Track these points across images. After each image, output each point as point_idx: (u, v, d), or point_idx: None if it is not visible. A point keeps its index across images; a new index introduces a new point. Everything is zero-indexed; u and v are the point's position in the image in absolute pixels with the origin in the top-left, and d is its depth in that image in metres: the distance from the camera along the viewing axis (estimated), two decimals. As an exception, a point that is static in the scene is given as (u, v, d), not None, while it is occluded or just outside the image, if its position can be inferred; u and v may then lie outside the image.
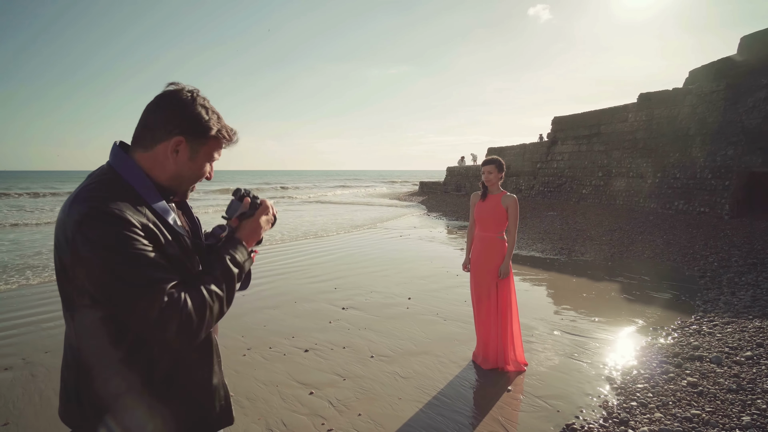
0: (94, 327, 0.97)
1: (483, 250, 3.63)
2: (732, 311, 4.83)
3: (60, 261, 0.97)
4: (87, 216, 0.91)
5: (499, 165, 3.59)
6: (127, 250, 0.92)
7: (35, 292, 6.09)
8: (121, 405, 1.00)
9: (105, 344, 0.98)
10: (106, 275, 0.91)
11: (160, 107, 1.05)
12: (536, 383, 3.33)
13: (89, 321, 0.97)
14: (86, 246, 0.90)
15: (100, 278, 0.91)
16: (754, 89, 11.39)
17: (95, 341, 0.98)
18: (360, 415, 2.90)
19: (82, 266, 0.92)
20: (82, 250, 0.90)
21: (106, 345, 0.98)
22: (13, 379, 3.50)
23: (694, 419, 2.66)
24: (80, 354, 1.00)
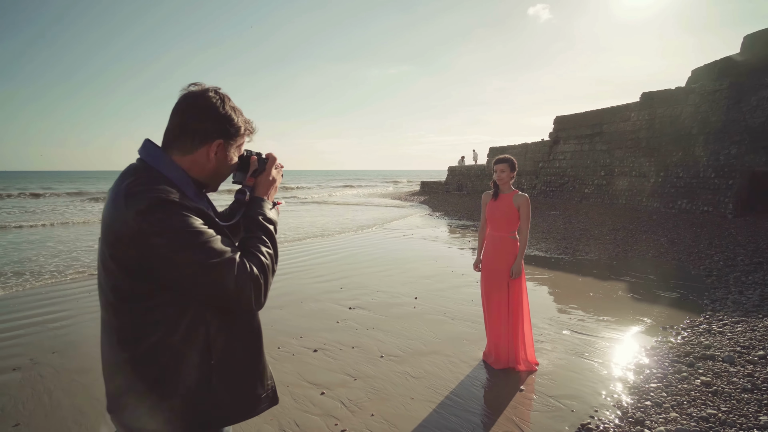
0: (155, 316, 1.03)
1: (495, 249, 3.61)
2: (741, 310, 4.82)
3: (117, 257, 1.00)
4: (149, 206, 0.97)
5: (512, 164, 3.56)
6: (193, 230, 1.00)
7: (39, 294, 6.07)
8: (185, 388, 1.05)
9: (165, 331, 1.03)
10: (179, 256, 0.98)
11: (195, 113, 1.11)
12: (548, 383, 3.31)
13: (149, 310, 1.02)
14: (155, 233, 0.96)
15: (173, 260, 0.98)
16: (757, 88, 11.38)
17: (156, 330, 1.03)
18: (373, 415, 2.88)
19: (153, 253, 0.97)
20: (152, 238, 0.96)
21: (165, 332, 1.03)
22: (22, 380, 3.48)
23: (710, 419, 2.64)
24: (139, 345, 1.04)
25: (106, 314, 1.09)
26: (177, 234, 0.98)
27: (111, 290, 1.04)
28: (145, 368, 1.04)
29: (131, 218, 0.97)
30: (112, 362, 1.09)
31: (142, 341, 1.04)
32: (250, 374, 1.18)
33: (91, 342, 4.24)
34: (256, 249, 1.12)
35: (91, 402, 3.11)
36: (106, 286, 1.05)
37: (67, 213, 18.70)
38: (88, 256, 8.69)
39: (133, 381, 1.05)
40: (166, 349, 1.04)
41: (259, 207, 1.21)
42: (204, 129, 1.11)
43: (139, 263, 0.99)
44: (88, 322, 4.81)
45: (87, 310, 5.25)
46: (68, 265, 7.89)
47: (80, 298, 5.77)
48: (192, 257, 0.99)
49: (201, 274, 1.00)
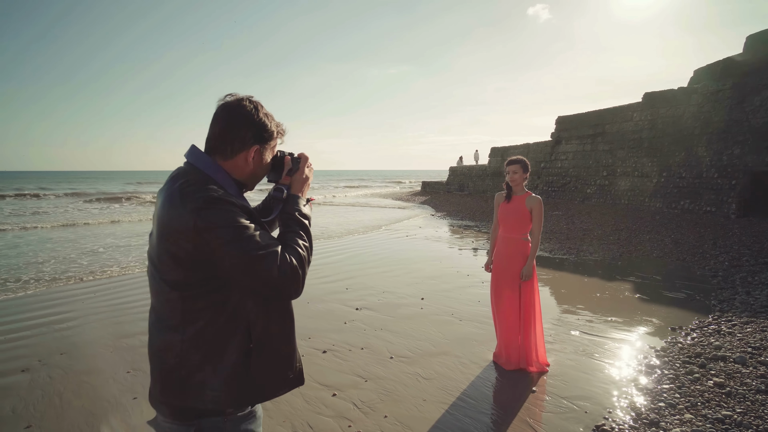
0: (204, 302, 1.14)
1: (506, 251, 3.59)
2: (749, 311, 4.81)
3: (173, 251, 1.11)
4: (203, 203, 1.09)
5: (525, 165, 3.54)
6: (241, 225, 1.11)
7: (44, 295, 6.06)
8: (227, 368, 1.17)
9: (212, 316, 1.15)
10: (230, 248, 1.09)
11: (233, 123, 1.22)
12: (560, 384, 3.30)
13: (199, 298, 1.13)
14: (208, 228, 1.08)
15: (225, 252, 1.09)
16: (760, 88, 11.37)
17: (203, 315, 1.14)
18: (386, 417, 2.86)
19: (207, 246, 1.08)
20: (206, 232, 1.08)
21: (212, 317, 1.15)
22: (31, 381, 3.47)
23: (726, 420, 2.63)
24: (188, 328, 1.15)
25: (157, 302, 1.20)
26: (228, 228, 1.09)
27: (165, 281, 1.14)
28: (193, 350, 1.15)
29: (187, 215, 1.08)
30: (161, 346, 1.19)
31: (191, 325, 1.14)
32: (283, 356, 1.29)
33: (98, 343, 4.23)
34: (294, 242, 1.23)
35: (101, 404, 3.10)
36: (159, 277, 1.16)
37: (66, 214, 18.68)
38: (86, 258, 8.69)
39: (182, 361, 1.15)
40: (212, 333, 1.15)
41: (295, 204, 1.32)
42: (242, 137, 1.22)
43: (195, 256, 1.10)
44: (95, 323, 4.80)
45: (93, 311, 5.24)
46: (67, 267, 7.88)
47: (86, 299, 5.76)
48: (241, 249, 1.09)
49: (249, 265, 1.10)
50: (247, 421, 1.28)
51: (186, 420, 1.21)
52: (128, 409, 3.01)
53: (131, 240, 11.01)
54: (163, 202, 1.15)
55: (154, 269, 1.18)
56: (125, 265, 7.84)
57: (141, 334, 4.44)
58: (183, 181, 1.15)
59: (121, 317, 4.98)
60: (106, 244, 10.30)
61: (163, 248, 1.13)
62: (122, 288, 6.32)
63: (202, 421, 1.21)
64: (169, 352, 1.17)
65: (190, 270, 1.12)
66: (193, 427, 1.21)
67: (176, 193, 1.12)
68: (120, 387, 3.34)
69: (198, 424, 1.21)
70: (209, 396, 1.17)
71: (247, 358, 1.20)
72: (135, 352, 4.01)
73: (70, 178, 76.96)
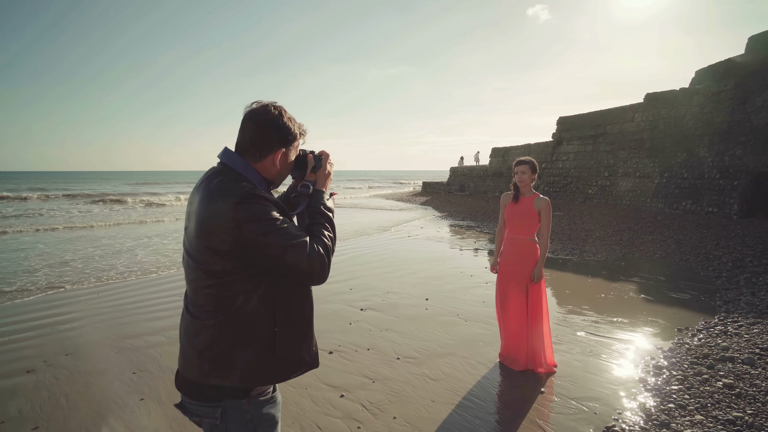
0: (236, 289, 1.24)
1: (513, 252, 3.58)
2: (755, 312, 4.80)
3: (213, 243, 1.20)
4: (242, 198, 1.20)
5: (533, 166, 3.52)
6: (275, 218, 1.24)
7: (47, 296, 6.04)
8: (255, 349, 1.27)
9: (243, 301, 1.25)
10: (267, 239, 1.20)
11: (260, 129, 1.33)
12: (568, 385, 3.29)
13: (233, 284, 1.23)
14: (246, 220, 1.19)
15: (263, 242, 1.20)
16: (762, 89, 11.37)
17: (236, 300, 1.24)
18: (395, 418, 2.85)
19: (245, 237, 1.19)
20: (245, 224, 1.18)
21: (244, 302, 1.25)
22: (37, 382, 3.45)
23: (737, 422, 2.62)
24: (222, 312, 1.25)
25: (192, 289, 1.30)
26: (264, 221, 1.21)
27: (204, 270, 1.24)
28: (225, 332, 1.25)
29: (227, 209, 1.18)
30: (195, 329, 1.28)
31: (225, 310, 1.25)
32: (303, 338, 1.39)
33: (103, 344, 4.22)
34: (321, 234, 1.34)
35: (108, 405, 3.08)
36: (196, 267, 1.25)
37: (66, 216, 18.64)
38: (85, 261, 8.67)
39: (214, 342, 1.26)
40: (243, 316, 1.26)
41: (320, 198, 1.43)
42: (269, 142, 1.33)
43: (234, 246, 1.20)
44: (98, 324, 4.78)
45: (96, 311, 5.22)
46: (63, 270, 7.86)
47: (89, 299, 5.75)
48: (276, 240, 1.21)
49: (283, 254, 1.22)
50: (269, 405, 1.37)
51: (212, 400, 1.29)
52: (135, 410, 3.00)
53: (134, 241, 11.00)
54: (201, 198, 1.26)
55: (191, 260, 1.27)
56: (127, 266, 7.83)
57: (146, 335, 4.43)
58: (221, 178, 1.27)
59: (126, 318, 4.97)
60: (106, 245, 10.29)
61: (203, 241, 1.22)
62: (125, 289, 6.31)
63: (227, 403, 1.30)
64: (202, 334, 1.27)
65: (229, 260, 1.21)
66: (219, 408, 1.30)
67: (216, 190, 1.23)
68: (126, 388, 3.33)
69: (224, 406, 1.30)
70: (237, 375, 1.26)
71: (272, 341, 1.30)
72: (140, 353, 4.00)
73: (72, 178, 76.90)
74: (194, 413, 1.34)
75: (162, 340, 4.27)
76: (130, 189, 40.71)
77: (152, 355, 3.93)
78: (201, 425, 1.35)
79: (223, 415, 1.30)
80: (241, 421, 1.31)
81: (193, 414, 1.34)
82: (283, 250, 1.23)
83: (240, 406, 1.31)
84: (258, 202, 1.22)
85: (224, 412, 1.30)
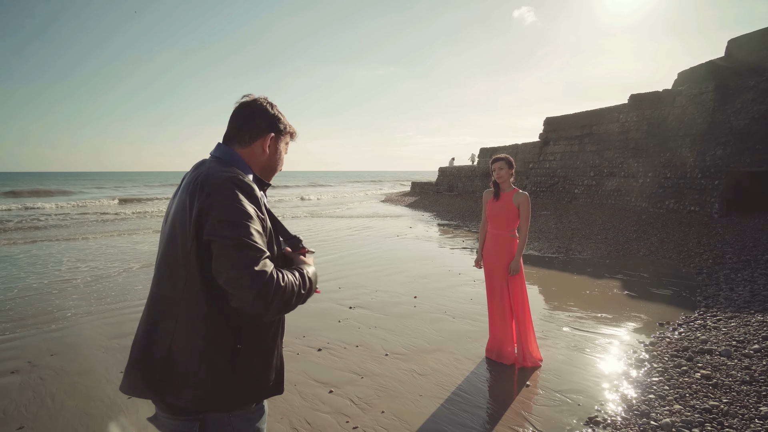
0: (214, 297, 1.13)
1: (495, 247, 3.65)
2: (733, 306, 4.94)
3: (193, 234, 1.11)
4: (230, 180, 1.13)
5: (509, 162, 3.63)
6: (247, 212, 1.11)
7: (33, 296, 5.95)
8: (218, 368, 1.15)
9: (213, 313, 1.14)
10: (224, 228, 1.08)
11: (250, 113, 1.30)
12: (553, 378, 3.36)
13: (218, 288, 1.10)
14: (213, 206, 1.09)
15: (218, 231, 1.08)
16: (741, 91, 11.68)
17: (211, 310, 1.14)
18: (383, 412, 2.89)
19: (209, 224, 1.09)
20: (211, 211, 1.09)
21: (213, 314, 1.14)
22: (22, 383, 3.42)
23: (713, 410, 2.71)
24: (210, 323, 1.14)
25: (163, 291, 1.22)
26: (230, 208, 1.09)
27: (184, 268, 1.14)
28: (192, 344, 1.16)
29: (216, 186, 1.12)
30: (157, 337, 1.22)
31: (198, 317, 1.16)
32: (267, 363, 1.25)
33: (89, 344, 4.18)
34: (291, 272, 1.16)
35: (95, 404, 3.07)
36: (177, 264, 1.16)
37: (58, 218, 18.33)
38: (72, 263, 8.54)
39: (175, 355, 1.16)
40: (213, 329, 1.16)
41: (303, 263, 1.27)
42: (258, 125, 1.30)
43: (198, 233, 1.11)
44: (85, 324, 4.74)
45: (83, 312, 5.16)
46: (49, 270, 7.75)
47: (75, 300, 5.67)
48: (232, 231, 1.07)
49: (232, 252, 1.05)
50: (253, 418, 1.26)
51: (185, 415, 1.17)
52: (123, 408, 2.99)
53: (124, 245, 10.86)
54: (182, 188, 1.22)
55: (168, 258, 1.18)
56: (110, 267, 7.74)
57: (133, 335, 4.39)
58: (204, 168, 1.22)
59: (112, 318, 4.93)
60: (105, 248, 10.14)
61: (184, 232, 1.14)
62: (111, 289, 6.24)
63: (207, 416, 1.18)
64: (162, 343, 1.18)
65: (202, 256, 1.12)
66: (197, 422, 1.19)
67: (197, 180, 1.17)
68: (114, 387, 3.30)
69: (203, 420, 1.19)
70: (190, 395, 1.13)
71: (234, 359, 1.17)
72: (127, 352, 3.96)
73: (59, 178, 75.47)
74: (168, 427, 1.21)
75: (149, 340, 4.24)
76: (121, 192, 40.07)
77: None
78: None
79: (202, 430, 1.20)
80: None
81: (168, 429, 1.21)
82: (235, 248, 1.04)
83: (221, 419, 1.20)
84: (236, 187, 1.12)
85: (203, 427, 1.20)
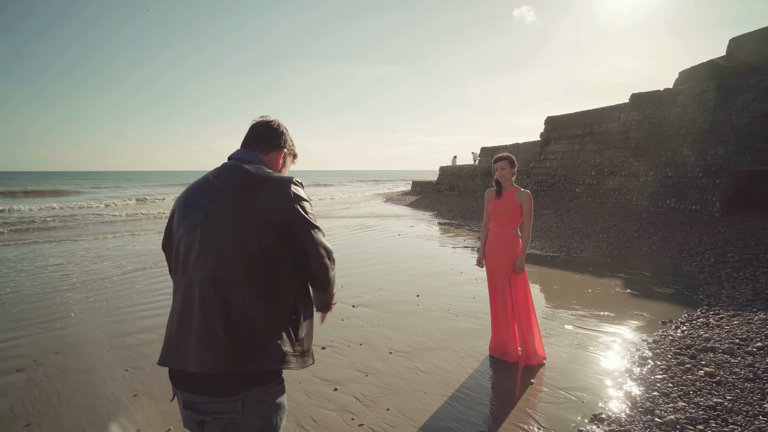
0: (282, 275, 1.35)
1: (498, 245, 3.66)
2: (735, 304, 4.95)
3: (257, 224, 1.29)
4: (295, 183, 1.38)
5: (511, 161, 3.64)
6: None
7: (37, 294, 5.97)
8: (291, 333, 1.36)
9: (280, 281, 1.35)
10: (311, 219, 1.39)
11: (271, 130, 1.52)
12: (557, 376, 3.37)
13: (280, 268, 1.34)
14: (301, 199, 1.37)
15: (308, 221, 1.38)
16: (743, 90, 11.68)
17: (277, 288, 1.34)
18: (388, 409, 2.90)
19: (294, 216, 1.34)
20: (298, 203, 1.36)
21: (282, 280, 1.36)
22: (27, 381, 3.43)
23: (717, 407, 2.73)
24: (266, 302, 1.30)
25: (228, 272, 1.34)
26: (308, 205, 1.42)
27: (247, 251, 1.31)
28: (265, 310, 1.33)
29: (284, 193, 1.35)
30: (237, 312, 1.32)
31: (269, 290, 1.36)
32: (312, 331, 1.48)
33: (94, 342, 4.20)
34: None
35: (101, 402, 3.08)
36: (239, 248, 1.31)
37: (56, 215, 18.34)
38: (74, 262, 8.56)
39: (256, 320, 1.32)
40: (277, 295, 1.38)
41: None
42: (274, 141, 1.51)
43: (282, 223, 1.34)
44: (88, 322, 4.75)
45: (87, 310, 5.18)
46: (52, 269, 7.76)
47: (79, 298, 5.69)
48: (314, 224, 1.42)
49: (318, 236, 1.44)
50: (281, 394, 1.38)
51: (233, 394, 1.25)
52: (129, 406, 3.00)
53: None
54: (238, 186, 1.34)
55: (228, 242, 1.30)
56: (118, 266, 7.76)
57: (137, 333, 4.41)
58: (251, 166, 1.40)
59: (116, 317, 4.94)
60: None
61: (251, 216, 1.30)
62: (116, 288, 6.25)
63: (247, 395, 1.26)
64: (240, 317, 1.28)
65: (278, 237, 1.31)
66: (239, 401, 1.25)
67: (255, 176, 1.36)
68: (119, 385, 3.32)
69: (243, 398, 1.25)
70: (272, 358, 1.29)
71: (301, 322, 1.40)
72: (132, 350, 3.99)
73: (57, 178, 75.46)
74: (209, 412, 1.25)
75: (154, 338, 4.26)
76: (125, 192, 40.12)
77: (144, 353, 3.92)
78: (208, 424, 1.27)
79: (243, 408, 1.26)
80: (258, 413, 1.28)
81: (208, 413, 1.25)
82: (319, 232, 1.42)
83: (258, 397, 1.28)
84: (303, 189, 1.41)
85: (244, 405, 1.26)
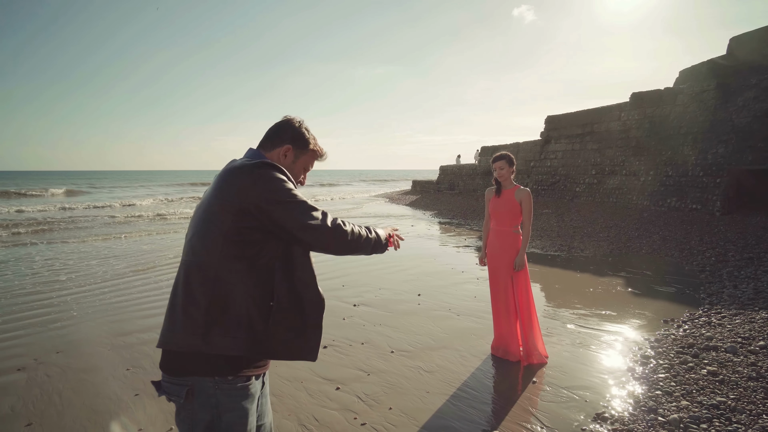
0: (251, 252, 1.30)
1: (499, 244, 3.66)
2: (737, 303, 4.94)
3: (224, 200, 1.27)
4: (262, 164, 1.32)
5: (510, 160, 3.65)
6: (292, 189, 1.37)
7: (37, 293, 5.96)
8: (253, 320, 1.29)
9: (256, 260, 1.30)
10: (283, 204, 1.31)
11: (279, 127, 1.52)
12: (559, 374, 3.37)
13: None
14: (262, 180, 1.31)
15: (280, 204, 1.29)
16: (743, 89, 11.67)
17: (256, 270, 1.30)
18: (391, 408, 2.89)
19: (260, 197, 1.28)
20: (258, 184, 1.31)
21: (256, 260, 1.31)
22: (28, 380, 3.42)
23: (720, 406, 2.72)
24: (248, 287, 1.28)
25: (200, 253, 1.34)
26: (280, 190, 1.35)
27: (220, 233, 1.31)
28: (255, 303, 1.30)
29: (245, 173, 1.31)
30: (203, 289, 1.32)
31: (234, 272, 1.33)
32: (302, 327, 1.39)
33: (95, 342, 4.19)
34: (358, 226, 1.46)
35: (102, 401, 3.07)
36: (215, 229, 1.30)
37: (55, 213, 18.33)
38: (75, 261, 8.55)
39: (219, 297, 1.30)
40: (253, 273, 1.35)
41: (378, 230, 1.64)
42: (279, 137, 1.51)
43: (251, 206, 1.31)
44: (89, 322, 4.74)
45: (87, 310, 5.17)
46: (52, 270, 7.75)
47: (80, 298, 5.68)
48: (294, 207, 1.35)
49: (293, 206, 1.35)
50: (239, 394, 1.27)
51: (179, 374, 1.25)
52: (130, 405, 3.00)
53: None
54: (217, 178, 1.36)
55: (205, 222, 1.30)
56: (115, 264, 7.75)
57: (138, 333, 4.40)
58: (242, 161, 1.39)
59: (117, 316, 4.93)
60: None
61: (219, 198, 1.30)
62: (116, 287, 6.24)
63: (195, 383, 1.23)
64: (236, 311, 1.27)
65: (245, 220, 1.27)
66: (186, 387, 1.24)
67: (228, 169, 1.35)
68: (120, 384, 3.32)
69: (191, 387, 1.23)
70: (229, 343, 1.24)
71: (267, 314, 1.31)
72: (133, 349, 3.98)
73: (56, 178, 75.41)
74: (165, 391, 1.27)
75: (155, 337, 4.25)
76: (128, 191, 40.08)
77: (146, 352, 3.92)
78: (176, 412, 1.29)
79: (188, 395, 1.23)
80: (206, 406, 1.23)
81: (166, 392, 1.27)
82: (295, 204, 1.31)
83: (205, 388, 1.23)
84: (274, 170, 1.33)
85: (190, 393, 1.23)
